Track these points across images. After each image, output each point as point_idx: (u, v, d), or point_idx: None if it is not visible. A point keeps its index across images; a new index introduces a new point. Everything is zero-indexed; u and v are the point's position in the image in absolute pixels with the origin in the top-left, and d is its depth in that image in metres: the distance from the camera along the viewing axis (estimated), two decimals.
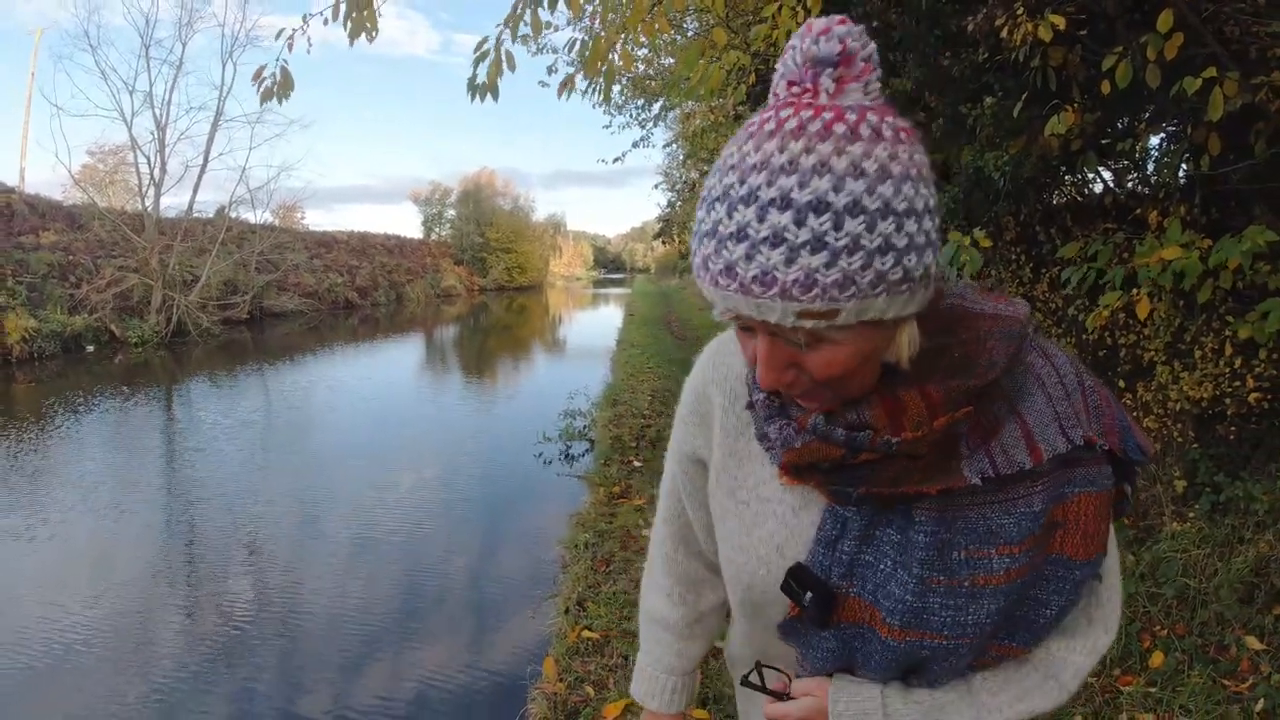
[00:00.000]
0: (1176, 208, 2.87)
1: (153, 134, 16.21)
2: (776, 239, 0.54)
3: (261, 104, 2.65)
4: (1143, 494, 3.32)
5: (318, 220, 42.71)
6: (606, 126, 26.79)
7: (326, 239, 25.75)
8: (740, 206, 0.56)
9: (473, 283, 34.37)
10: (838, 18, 0.58)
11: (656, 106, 11.10)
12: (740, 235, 0.56)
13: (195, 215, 17.81)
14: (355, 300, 23.83)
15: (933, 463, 0.69)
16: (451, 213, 37.32)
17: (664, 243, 20.58)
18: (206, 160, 17.31)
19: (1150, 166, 3.73)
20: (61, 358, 12.37)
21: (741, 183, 0.57)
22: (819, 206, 0.54)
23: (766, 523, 0.83)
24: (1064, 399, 0.70)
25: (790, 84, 0.59)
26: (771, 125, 0.57)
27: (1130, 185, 3.81)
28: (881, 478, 0.70)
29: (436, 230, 36.87)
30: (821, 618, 0.77)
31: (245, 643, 3.63)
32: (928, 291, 0.62)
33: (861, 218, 0.54)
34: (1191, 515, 3.03)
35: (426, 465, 6.83)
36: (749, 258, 0.56)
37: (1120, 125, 3.44)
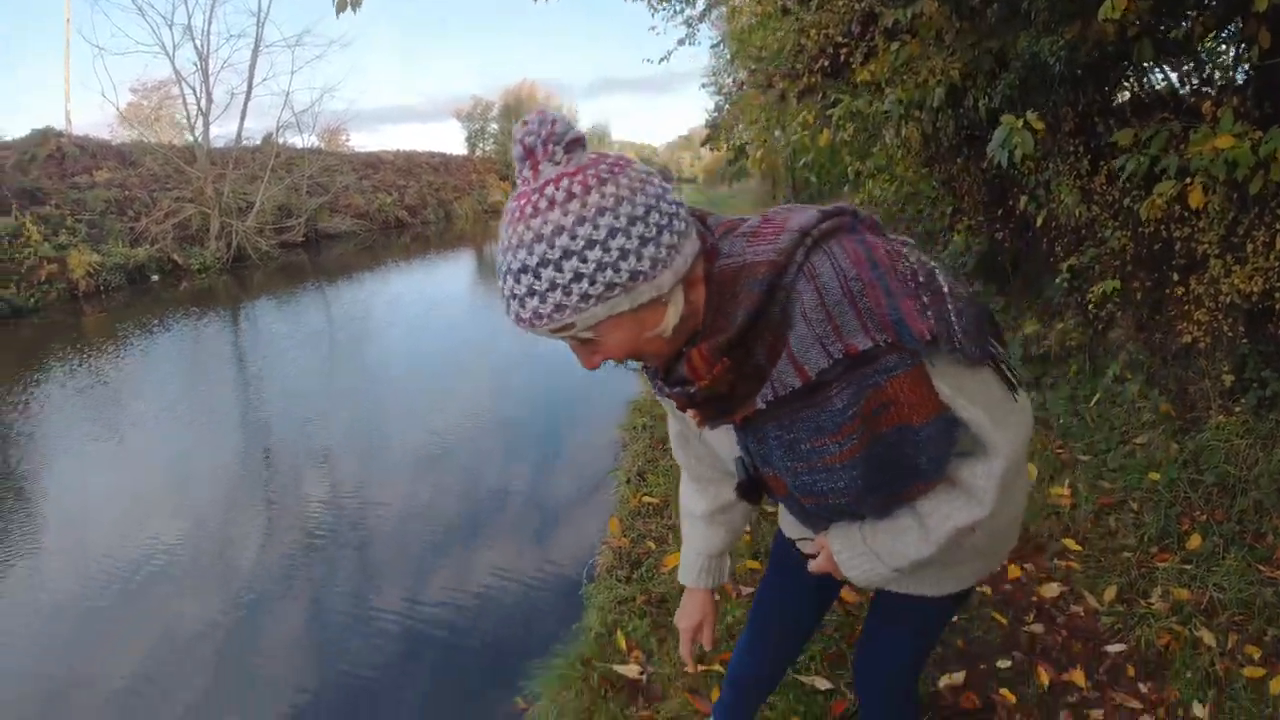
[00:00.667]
0: (1229, 99, 2.76)
1: (195, 65, 16.12)
2: (511, 295, 0.82)
3: (338, 14, 2.79)
4: (1190, 387, 3.33)
5: (363, 142, 42.49)
6: (652, 28, 25.90)
7: (373, 160, 25.76)
8: (499, 274, 0.84)
9: None
10: (522, 121, 0.82)
11: (700, 2, 10.72)
12: (500, 294, 0.84)
13: (244, 143, 17.97)
14: (405, 219, 23.95)
15: (742, 394, 0.92)
16: (494, 127, 36.77)
17: (712, 149, 20.01)
18: (251, 87, 17.27)
19: (1207, 64, 3.56)
20: (128, 289, 12.76)
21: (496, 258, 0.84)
22: (524, 269, 0.80)
23: (722, 436, 1.10)
24: (824, 320, 0.86)
25: (519, 177, 0.83)
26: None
27: (1190, 84, 3.65)
28: (715, 411, 0.96)
29: (481, 146, 36.48)
30: (752, 496, 1.10)
31: (354, 511, 4.11)
32: (653, 281, 0.81)
33: (550, 267, 0.78)
34: (1238, 409, 3.04)
35: (488, 367, 7.18)
36: (507, 307, 0.83)
37: (1184, 22, 3.28)
